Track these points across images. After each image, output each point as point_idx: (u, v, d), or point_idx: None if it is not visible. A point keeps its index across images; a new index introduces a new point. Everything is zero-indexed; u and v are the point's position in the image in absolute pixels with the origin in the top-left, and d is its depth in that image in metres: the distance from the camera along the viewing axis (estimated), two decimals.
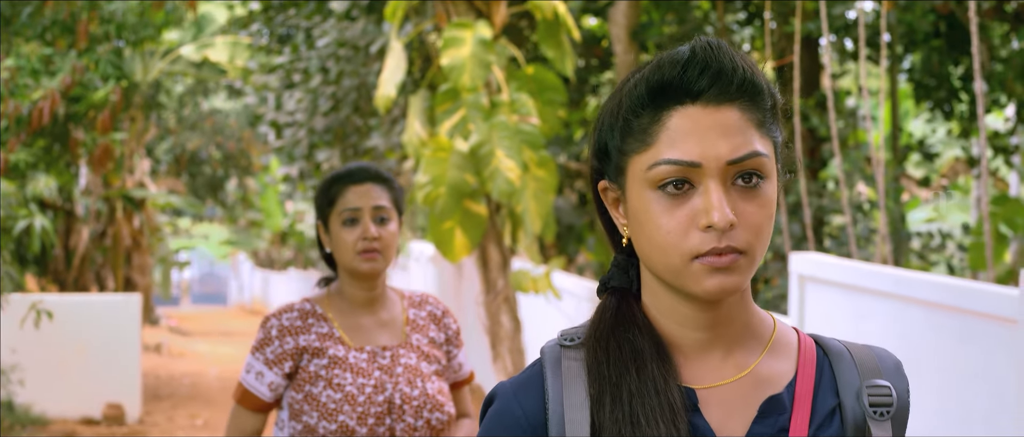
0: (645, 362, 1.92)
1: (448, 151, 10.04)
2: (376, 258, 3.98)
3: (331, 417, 3.90)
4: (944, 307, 5.79)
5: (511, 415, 1.96)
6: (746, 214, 1.86)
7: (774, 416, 1.94)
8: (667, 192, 1.86)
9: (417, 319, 4.12)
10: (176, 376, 19.49)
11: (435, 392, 3.99)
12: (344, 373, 3.94)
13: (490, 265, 10.78)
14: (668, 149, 1.86)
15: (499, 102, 10.18)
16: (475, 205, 10.26)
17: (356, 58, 15.02)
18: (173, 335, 26.99)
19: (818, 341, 2.04)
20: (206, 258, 55.47)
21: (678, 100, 1.87)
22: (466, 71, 9.91)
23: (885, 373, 2.00)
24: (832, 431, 1.95)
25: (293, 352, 3.95)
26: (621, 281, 2.03)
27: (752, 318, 2.00)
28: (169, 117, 29.90)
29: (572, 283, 11.90)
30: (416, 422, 3.95)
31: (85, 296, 17.73)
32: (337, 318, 4.04)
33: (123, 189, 23.45)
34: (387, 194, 4.05)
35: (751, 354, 1.98)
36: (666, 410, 1.88)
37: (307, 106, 16.16)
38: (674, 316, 1.96)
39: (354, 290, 4.06)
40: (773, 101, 1.94)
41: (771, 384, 1.97)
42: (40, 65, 15.01)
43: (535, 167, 10.11)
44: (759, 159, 1.86)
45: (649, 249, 1.90)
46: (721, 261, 1.84)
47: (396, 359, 4.01)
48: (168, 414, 15.83)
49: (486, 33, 10.10)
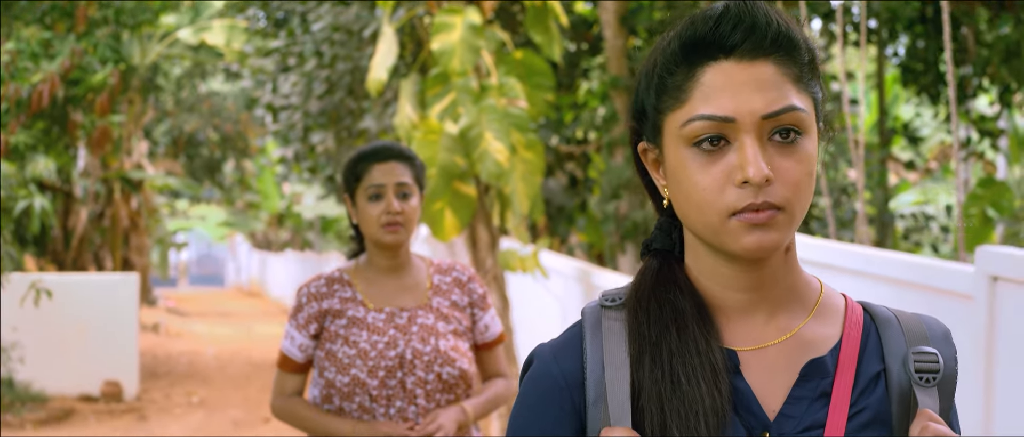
0: (686, 322, 1.90)
1: (438, 134, 10.16)
2: (399, 230, 4.30)
3: (345, 371, 4.22)
4: (908, 284, 6.04)
5: (549, 377, 1.95)
6: (784, 170, 1.82)
7: (816, 380, 1.91)
8: (702, 149, 1.84)
9: (441, 284, 4.42)
10: (173, 355, 19.71)
11: (448, 348, 4.27)
12: (360, 331, 4.26)
13: (479, 245, 10.91)
14: (702, 104, 1.84)
15: (488, 86, 10.30)
16: (464, 186, 10.38)
17: (350, 42, 15.13)
18: (171, 315, 27.13)
19: (866, 307, 2.01)
20: (204, 240, 55.54)
21: (712, 56, 1.85)
22: (456, 56, 9.99)
23: (933, 340, 1.97)
24: (876, 396, 1.92)
25: (317, 315, 4.31)
26: (663, 243, 2.02)
27: (797, 280, 1.97)
28: (167, 99, 29.95)
29: (560, 262, 12.09)
30: (426, 375, 4.24)
31: (84, 275, 17.97)
32: (361, 284, 4.36)
33: (121, 171, 23.61)
34: (409, 171, 4.34)
35: (795, 317, 1.96)
36: (707, 370, 1.86)
37: (302, 89, 16.25)
38: (716, 277, 1.94)
39: (379, 259, 4.38)
40: (811, 56, 1.91)
41: (815, 348, 1.94)
42: (40, 49, 15.13)
43: (523, 149, 10.21)
44: (796, 113, 1.83)
45: (687, 207, 1.88)
46: (758, 218, 1.81)
47: (413, 319, 4.30)
48: (165, 392, 16.06)
49: (476, 19, 10.19)
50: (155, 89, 26.54)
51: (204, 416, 14.54)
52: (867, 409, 1.89)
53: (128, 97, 23.24)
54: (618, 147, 13.82)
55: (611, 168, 13.78)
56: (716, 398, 1.83)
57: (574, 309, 11.49)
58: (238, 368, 18.54)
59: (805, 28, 1.92)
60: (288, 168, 22.20)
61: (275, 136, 19.61)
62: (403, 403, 4.21)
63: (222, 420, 14.24)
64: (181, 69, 29.80)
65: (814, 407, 1.88)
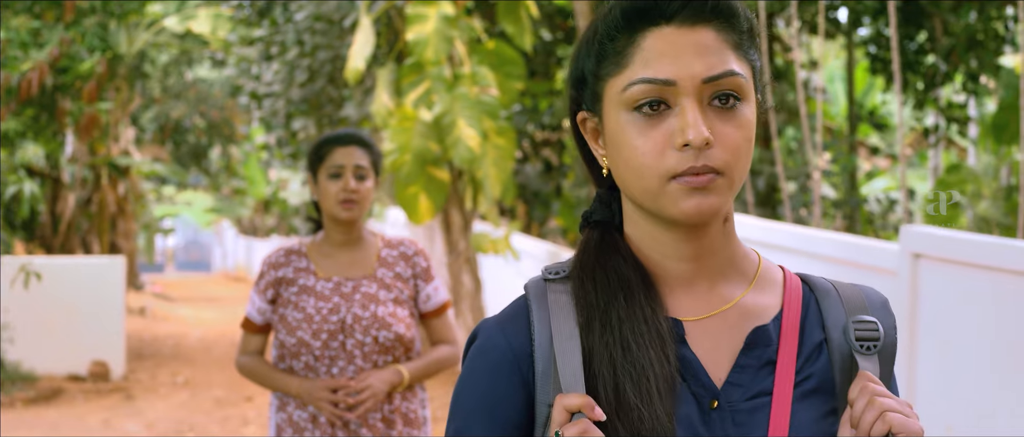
0: (632, 290, 1.90)
1: (413, 121, 10.41)
2: (353, 208, 4.77)
3: (292, 333, 4.69)
4: (841, 261, 6.45)
5: (496, 349, 1.93)
6: (724, 134, 1.82)
7: (760, 348, 1.92)
8: (642, 113, 1.84)
9: (388, 256, 4.86)
10: (159, 337, 19.81)
11: (385, 314, 4.70)
12: (309, 298, 4.74)
13: (452, 228, 11.21)
14: (642, 69, 1.84)
15: (461, 75, 10.53)
16: (438, 171, 10.63)
17: (331, 31, 15.31)
18: (157, 300, 27.02)
19: (804, 278, 2.02)
20: (190, 226, 55.59)
21: (652, 21, 1.86)
22: (430, 46, 10.24)
23: (871, 309, 1.97)
24: (819, 365, 1.92)
25: (274, 282, 4.81)
26: (603, 215, 2.02)
27: (736, 252, 1.98)
28: (153, 86, 29.85)
29: (531, 244, 12.43)
30: (364, 338, 4.68)
31: (72, 259, 18.00)
32: (316, 256, 4.85)
33: (108, 157, 23.65)
34: (367, 157, 4.82)
35: (736, 287, 1.96)
36: (655, 338, 1.86)
37: (284, 77, 16.37)
38: (657, 247, 1.94)
39: (335, 234, 4.86)
40: (750, 25, 1.92)
41: (757, 317, 1.95)
42: (29, 38, 15.31)
43: (494, 135, 10.46)
44: (736, 79, 1.84)
45: (626, 173, 1.88)
46: (698, 181, 1.81)
47: (357, 288, 4.75)
48: (151, 372, 16.17)
49: (449, 10, 10.44)
50: (142, 76, 26.52)
51: (188, 395, 14.67)
52: (813, 377, 1.91)
53: (115, 84, 23.30)
54: None
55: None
56: (665, 365, 1.84)
57: None
58: (222, 350, 18.64)
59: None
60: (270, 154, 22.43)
61: (260, 122, 19.83)
62: (344, 363, 4.67)
63: (205, 398, 14.39)
64: (168, 56, 29.81)
65: (760, 375, 1.90)
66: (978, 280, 5.53)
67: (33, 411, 13.33)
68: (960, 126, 17.54)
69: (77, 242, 22.84)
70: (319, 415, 4.71)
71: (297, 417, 4.75)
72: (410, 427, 4.84)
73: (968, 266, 5.57)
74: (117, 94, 23.94)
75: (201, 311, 25.84)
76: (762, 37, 1.96)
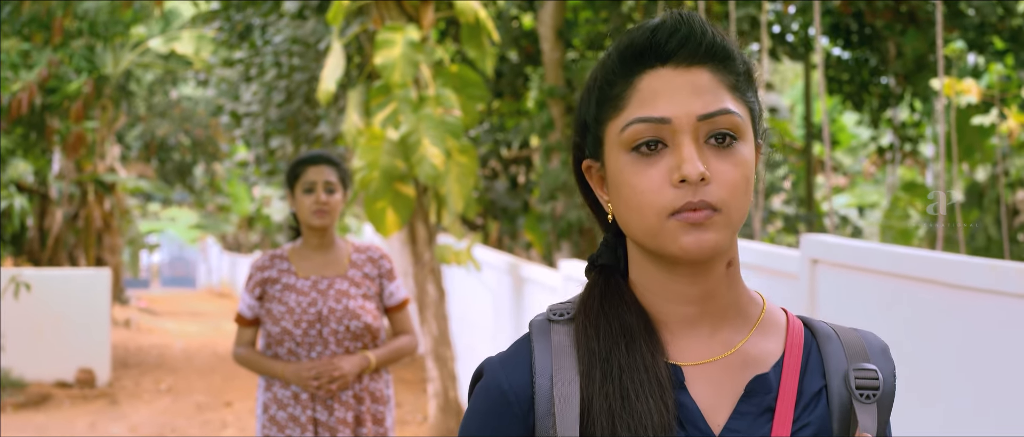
0: (634, 337, 1.88)
1: (381, 139, 10.73)
2: (325, 216, 5.71)
3: (277, 323, 5.61)
4: (747, 266, 7.05)
5: (498, 389, 1.92)
6: (721, 172, 1.81)
7: (760, 396, 1.90)
8: (640, 152, 1.83)
9: (357, 260, 5.80)
10: (144, 348, 20.07)
11: (356, 307, 5.62)
12: (290, 294, 5.65)
13: (418, 240, 11.52)
14: (639, 108, 1.84)
15: (426, 96, 10.82)
16: (404, 187, 10.93)
17: (307, 54, 15.70)
18: (142, 314, 26.98)
19: (806, 322, 2.00)
20: (175, 242, 55.71)
21: (649, 64, 1.86)
22: (397, 69, 10.57)
23: (872, 356, 1.96)
24: (817, 413, 1.90)
25: (260, 281, 5.72)
26: (608, 259, 2.01)
27: (740, 296, 1.95)
28: (139, 105, 30.02)
29: (492, 256, 12.94)
30: (338, 327, 5.58)
31: (60, 270, 18.29)
32: (296, 259, 5.77)
33: (95, 174, 23.82)
34: (335, 173, 5.77)
35: (738, 332, 1.93)
36: (654, 385, 1.84)
37: (263, 98, 16.81)
38: (660, 291, 1.92)
39: (310, 239, 5.80)
40: (746, 68, 1.91)
41: (758, 364, 1.92)
42: (19, 59, 15.67)
43: (457, 154, 10.81)
44: (731, 117, 1.83)
45: (627, 213, 1.86)
46: (696, 217, 1.79)
47: (332, 285, 5.67)
48: (135, 380, 16.55)
49: (415, 35, 10.72)
50: (127, 95, 26.71)
51: (171, 401, 15.04)
52: (810, 425, 1.89)
53: (102, 104, 23.54)
54: (554, 152, 14.56)
55: (548, 171, 14.44)
56: (663, 413, 1.83)
57: (504, 298, 12.34)
58: (204, 359, 18.96)
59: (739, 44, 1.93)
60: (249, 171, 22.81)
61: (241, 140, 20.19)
62: (321, 348, 5.60)
63: (187, 404, 14.79)
64: (153, 76, 29.94)
65: (759, 422, 1.88)
66: (870, 284, 6.01)
67: (23, 415, 13.72)
68: (913, 144, 18.08)
69: (64, 256, 23.11)
70: (301, 393, 5.60)
71: (280, 395, 5.65)
72: (376, 403, 5.77)
73: (860, 271, 6.13)
74: (103, 113, 24.09)
75: (185, 325, 25.89)
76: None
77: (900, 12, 15.56)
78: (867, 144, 24.46)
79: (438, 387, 11.64)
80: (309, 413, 5.62)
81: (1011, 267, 4.67)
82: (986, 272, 4.85)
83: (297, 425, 5.62)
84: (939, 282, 5.21)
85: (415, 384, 15.25)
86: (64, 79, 17.80)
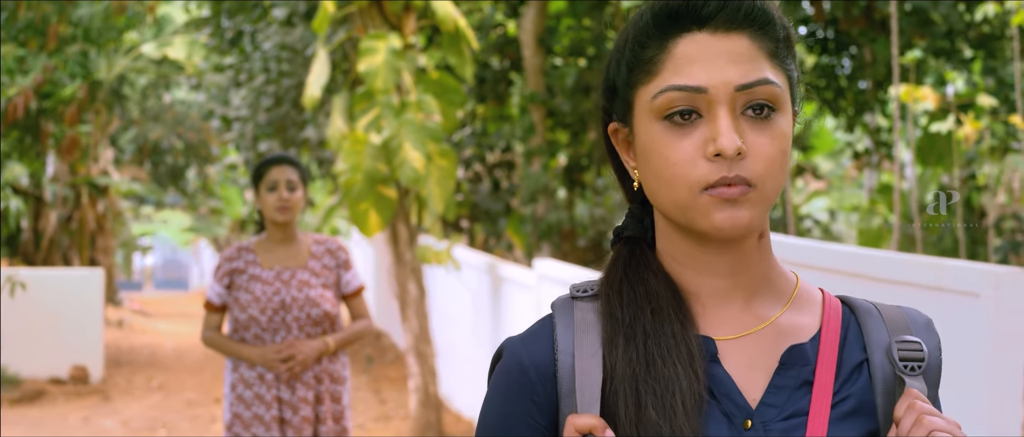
0: (661, 305, 1.81)
1: (364, 143, 10.96)
2: (287, 213, 6.24)
3: (244, 310, 6.15)
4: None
5: (519, 368, 1.84)
6: (757, 145, 1.73)
7: (797, 368, 1.82)
8: (673, 122, 1.75)
9: (317, 252, 6.35)
10: (136, 347, 20.28)
11: (316, 296, 6.17)
12: (256, 284, 6.17)
13: (399, 240, 11.83)
14: (674, 76, 1.75)
15: (408, 102, 11.05)
16: (386, 189, 11.17)
17: (295, 60, 16.07)
18: (135, 315, 26.92)
19: (844, 299, 1.93)
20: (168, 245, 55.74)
21: (685, 27, 1.77)
22: (380, 76, 10.82)
23: (915, 329, 1.88)
24: (859, 386, 1.83)
25: (228, 271, 6.23)
26: (635, 230, 1.92)
27: (772, 269, 1.88)
28: (132, 109, 30.15)
29: (471, 256, 13.26)
30: (300, 314, 6.14)
31: (55, 270, 18.56)
32: (261, 251, 6.29)
33: (88, 177, 23.90)
34: (296, 173, 6.31)
35: (773, 306, 1.86)
36: (684, 353, 1.76)
37: (252, 102, 17.15)
38: (690, 263, 1.85)
39: (274, 233, 6.33)
40: (786, 33, 1.82)
41: (794, 336, 1.85)
42: (15, 65, 15.91)
43: (438, 157, 11.03)
44: (770, 87, 1.75)
45: (656, 184, 1.79)
46: (730, 192, 1.72)
47: (294, 275, 6.21)
48: (128, 377, 16.79)
49: (397, 43, 10.98)
50: (121, 99, 26.85)
51: (162, 397, 15.31)
52: (850, 398, 1.82)
53: (95, 108, 23.63)
54: (536, 156, 14.94)
55: (529, 175, 14.81)
56: (693, 381, 1.75)
57: (483, 296, 12.69)
58: (195, 358, 19.17)
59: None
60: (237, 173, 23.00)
61: (232, 144, 20.46)
62: (284, 333, 6.16)
63: (178, 400, 15.09)
64: (146, 80, 30.03)
65: (796, 396, 1.81)
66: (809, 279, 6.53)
67: (18, 410, 14.03)
68: (887, 149, 18.36)
69: (58, 258, 23.26)
70: (266, 373, 6.14)
71: (247, 375, 6.20)
72: (334, 383, 6.34)
73: (799, 266, 6.61)
74: (97, 117, 24.19)
75: (177, 325, 25.55)
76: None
77: (873, 20, 15.86)
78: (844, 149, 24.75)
79: (419, 382, 11.91)
80: (274, 392, 6.17)
81: (925, 261, 5.10)
82: (901, 266, 5.27)
83: (262, 403, 6.17)
84: (866, 277, 5.63)
85: (398, 381, 15.61)
86: (59, 84, 18.00)
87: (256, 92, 16.92)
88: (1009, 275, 4.88)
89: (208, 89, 20.71)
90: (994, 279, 4.88)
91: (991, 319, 4.83)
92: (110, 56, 23.14)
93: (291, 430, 6.23)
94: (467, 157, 17.08)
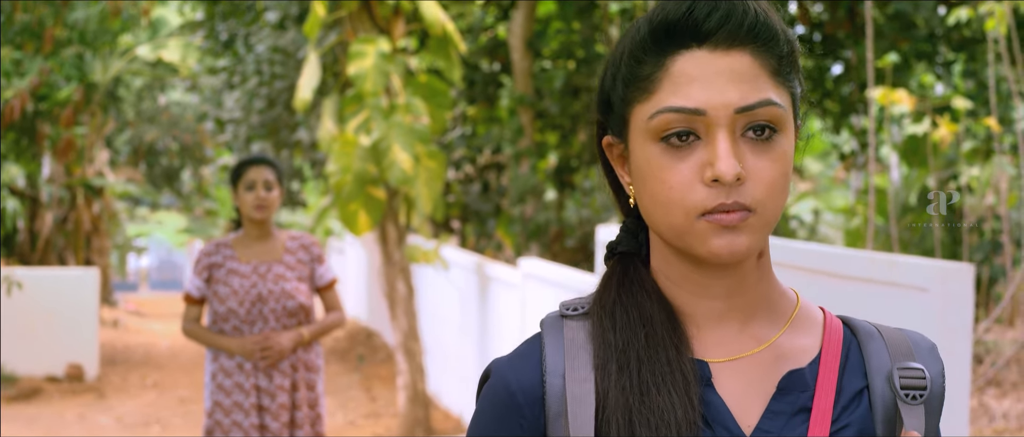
0: (655, 328, 1.73)
1: (353, 145, 11.07)
2: (263, 211, 6.51)
3: (223, 303, 6.41)
4: None
5: (505, 390, 1.77)
6: (757, 169, 1.65)
7: (795, 393, 1.75)
8: (670, 144, 1.66)
9: (291, 247, 6.63)
10: (131, 346, 20.39)
11: (290, 289, 6.45)
12: (234, 277, 6.43)
13: (388, 240, 11.96)
14: (671, 96, 1.66)
15: (396, 105, 11.16)
16: (376, 190, 11.28)
17: (288, 63, 16.21)
18: (130, 316, 26.96)
19: (846, 321, 1.85)
20: (164, 246, 55.78)
21: (683, 44, 1.67)
22: (369, 79, 10.95)
23: (918, 355, 1.81)
24: (858, 414, 1.75)
25: (207, 266, 6.49)
26: (629, 245, 1.85)
27: (772, 289, 1.80)
28: (128, 111, 30.24)
29: (459, 255, 13.41)
30: (276, 306, 6.41)
31: (51, 270, 18.65)
32: (239, 247, 6.55)
33: (84, 178, 23.99)
34: (273, 173, 6.58)
35: (771, 328, 1.78)
36: (678, 379, 1.69)
37: (245, 104, 17.32)
38: (685, 284, 1.77)
39: (251, 230, 6.59)
40: (790, 48, 1.72)
41: (792, 360, 1.77)
42: (12, 67, 16.03)
43: (426, 159, 11.16)
44: (772, 109, 1.65)
45: (652, 207, 1.71)
46: (729, 219, 1.64)
47: (270, 269, 6.48)
48: (123, 375, 16.92)
49: (386, 47, 11.11)
50: (116, 101, 26.85)
51: (156, 394, 15.45)
52: (850, 426, 1.75)
53: (91, 110, 23.74)
54: (524, 158, 15.05)
55: (518, 176, 14.94)
56: (688, 409, 1.68)
57: (471, 295, 12.83)
58: (188, 357, 19.24)
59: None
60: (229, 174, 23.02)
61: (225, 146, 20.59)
62: (262, 325, 6.44)
63: (171, 397, 15.25)
64: (141, 82, 30.09)
65: (793, 422, 1.74)
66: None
67: (15, 408, 14.17)
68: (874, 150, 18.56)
69: (54, 258, 23.32)
70: (244, 363, 6.41)
71: (226, 365, 6.47)
72: (309, 372, 6.62)
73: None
74: (92, 119, 24.30)
75: (172, 326, 25.36)
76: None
77: (856, 23, 16.05)
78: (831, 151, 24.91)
79: (407, 380, 12.06)
80: (252, 381, 6.47)
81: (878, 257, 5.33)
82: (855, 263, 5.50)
83: (241, 391, 6.47)
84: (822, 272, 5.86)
85: (388, 379, 15.79)
86: (55, 86, 18.11)
87: (249, 94, 17.08)
88: (954, 270, 5.12)
89: (202, 91, 20.84)
90: (941, 274, 5.12)
91: (938, 312, 5.06)
92: (105, 59, 23.19)
93: (269, 416, 6.51)
94: (457, 159, 17.19)
